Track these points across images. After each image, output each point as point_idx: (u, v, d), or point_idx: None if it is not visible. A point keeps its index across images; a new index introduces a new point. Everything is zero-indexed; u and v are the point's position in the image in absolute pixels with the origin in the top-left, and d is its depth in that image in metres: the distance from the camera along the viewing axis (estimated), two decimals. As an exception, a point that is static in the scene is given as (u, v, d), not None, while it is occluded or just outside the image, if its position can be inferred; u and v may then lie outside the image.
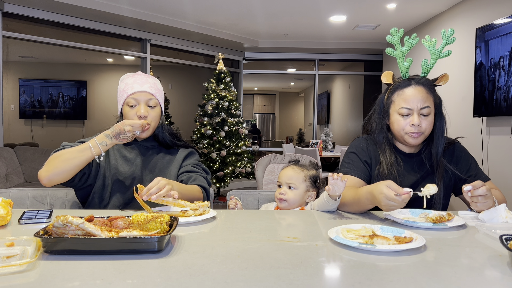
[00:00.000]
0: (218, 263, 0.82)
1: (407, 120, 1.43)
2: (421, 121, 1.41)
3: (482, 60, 3.70)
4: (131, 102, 1.49)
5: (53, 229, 0.88)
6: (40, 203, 1.60)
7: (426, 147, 1.51)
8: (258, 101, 15.02)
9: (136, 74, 1.57)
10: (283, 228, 1.17)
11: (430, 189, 1.20)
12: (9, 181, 4.20)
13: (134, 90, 1.49)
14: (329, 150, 6.18)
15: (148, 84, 1.52)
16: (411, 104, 1.41)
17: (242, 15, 5.18)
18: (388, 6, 4.63)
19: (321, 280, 0.76)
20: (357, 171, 1.48)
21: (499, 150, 3.64)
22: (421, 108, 1.41)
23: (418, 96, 1.41)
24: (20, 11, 4.44)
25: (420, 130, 1.42)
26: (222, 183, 5.51)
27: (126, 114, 1.51)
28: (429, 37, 1.49)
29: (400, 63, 1.50)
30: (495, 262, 0.86)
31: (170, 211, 1.26)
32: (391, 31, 1.51)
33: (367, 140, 1.55)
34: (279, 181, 1.59)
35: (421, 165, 1.50)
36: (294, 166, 1.61)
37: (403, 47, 1.50)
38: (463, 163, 1.52)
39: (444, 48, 1.46)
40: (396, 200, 1.12)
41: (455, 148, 1.54)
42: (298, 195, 1.55)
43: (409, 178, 1.48)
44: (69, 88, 8.06)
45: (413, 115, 1.41)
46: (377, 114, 1.53)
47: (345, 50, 6.90)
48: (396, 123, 1.46)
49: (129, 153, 1.54)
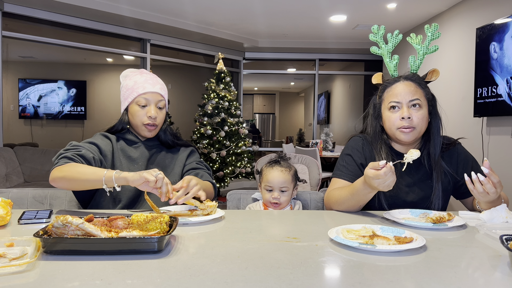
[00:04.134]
0: (218, 263, 0.82)
1: (397, 114, 1.39)
2: (411, 114, 1.37)
3: (484, 58, 3.70)
4: (142, 102, 1.49)
5: (52, 229, 0.88)
6: (39, 203, 1.60)
7: (424, 147, 1.47)
8: (258, 101, 15.02)
9: (143, 72, 1.57)
10: (283, 228, 1.17)
11: (412, 154, 1.22)
12: (8, 181, 4.20)
13: (146, 90, 1.49)
14: (329, 150, 6.17)
15: (159, 85, 1.54)
16: (400, 97, 1.39)
17: (242, 15, 5.18)
18: (388, 6, 4.63)
19: (321, 280, 0.75)
20: (351, 175, 1.46)
21: (500, 150, 3.64)
22: (410, 100, 1.38)
23: (406, 90, 1.39)
24: (20, 11, 4.44)
25: (411, 124, 1.37)
26: (222, 183, 5.51)
27: (134, 113, 1.50)
28: (414, 34, 1.48)
29: (387, 61, 1.48)
30: (495, 262, 0.86)
31: (177, 211, 1.26)
32: (373, 29, 1.49)
33: (363, 139, 1.53)
34: (269, 185, 1.58)
35: (419, 167, 1.47)
36: (280, 168, 1.61)
37: (387, 45, 1.48)
38: (463, 165, 1.48)
39: (430, 43, 1.45)
40: (380, 175, 1.16)
41: (456, 150, 1.51)
42: (290, 195, 1.60)
43: (405, 179, 1.45)
44: (69, 88, 8.06)
45: (402, 108, 1.38)
46: (371, 116, 1.51)
47: (345, 50, 6.90)
48: (387, 120, 1.43)
49: (133, 153, 1.54)
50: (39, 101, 7.90)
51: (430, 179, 1.45)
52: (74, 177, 1.24)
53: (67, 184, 1.27)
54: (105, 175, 1.21)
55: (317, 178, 2.58)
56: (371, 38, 1.49)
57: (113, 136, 1.55)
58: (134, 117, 1.51)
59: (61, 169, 1.27)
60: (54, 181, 1.28)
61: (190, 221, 1.17)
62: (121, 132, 1.58)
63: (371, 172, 1.18)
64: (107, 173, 1.21)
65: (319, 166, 2.69)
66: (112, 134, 1.57)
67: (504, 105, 3.45)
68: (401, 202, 1.42)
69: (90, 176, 1.23)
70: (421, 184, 1.45)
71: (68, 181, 1.25)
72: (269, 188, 1.59)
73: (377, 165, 1.18)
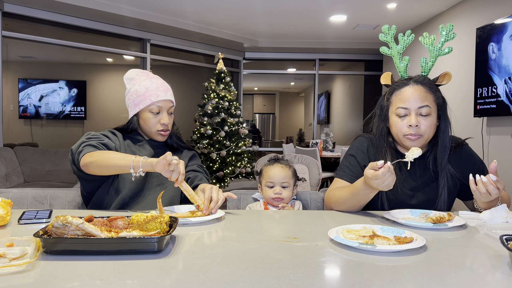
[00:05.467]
0: (218, 263, 0.82)
1: (405, 121, 1.35)
2: (419, 121, 1.33)
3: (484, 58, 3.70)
4: (155, 110, 1.53)
5: (52, 229, 0.88)
6: (39, 203, 1.60)
7: (431, 152, 1.43)
8: (258, 101, 15.02)
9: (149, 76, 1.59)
10: (283, 228, 1.17)
11: (414, 152, 1.21)
12: (8, 181, 4.20)
13: (160, 98, 1.53)
14: (329, 150, 6.17)
15: (170, 91, 1.60)
16: (408, 104, 1.34)
17: (242, 15, 5.18)
18: (388, 6, 4.63)
19: (321, 280, 0.75)
20: (353, 177, 1.45)
21: (500, 150, 3.64)
22: (419, 107, 1.33)
23: (415, 95, 1.34)
24: (19, 11, 4.44)
25: (419, 132, 1.34)
26: (222, 183, 5.51)
27: (147, 119, 1.54)
28: (427, 34, 1.41)
29: (397, 62, 1.43)
30: (495, 262, 0.86)
31: (179, 212, 1.29)
32: (383, 29, 1.44)
33: (369, 140, 1.51)
34: (270, 181, 1.60)
35: (424, 170, 1.44)
36: (281, 164, 1.64)
37: (397, 45, 1.43)
38: (468, 167, 1.44)
39: (444, 45, 1.39)
40: (378, 175, 1.15)
41: (463, 152, 1.47)
42: (291, 192, 1.61)
43: (410, 183, 1.43)
44: (69, 88, 8.06)
45: (411, 115, 1.34)
46: (377, 118, 1.47)
47: (345, 50, 6.90)
48: (394, 125, 1.39)
49: (138, 150, 1.57)
50: (41, 101, 7.90)
51: (435, 182, 1.42)
52: (105, 162, 1.31)
53: (98, 169, 1.34)
54: (133, 160, 1.26)
55: (317, 178, 2.58)
56: (381, 38, 1.45)
57: (119, 134, 1.60)
58: (147, 123, 1.55)
59: (92, 155, 1.34)
60: (86, 166, 1.34)
61: (190, 221, 1.17)
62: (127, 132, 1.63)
63: (370, 172, 1.18)
64: (135, 159, 1.26)
65: (319, 166, 2.69)
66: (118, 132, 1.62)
67: (503, 106, 3.45)
68: (405, 206, 1.41)
69: (119, 161, 1.29)
70: (425, 188, 1.43)
71: (99, 165, 1.32)
72: (271, 184, 1.60)
73: (376, 165, 1.18)
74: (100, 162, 1.31)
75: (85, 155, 1.35)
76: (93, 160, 1.32)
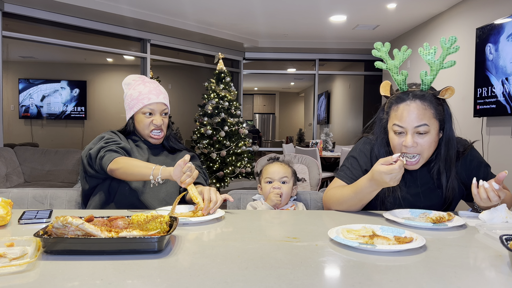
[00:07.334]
0: (218, 263, 0.82)
1: (401, 139, 1.30)
2: (416, 141, 1.28)
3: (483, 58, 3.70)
4: (148, 112, 1.62)
5: (52, 230, 0.88)
6: (40, 203, 1.60)
7: (435, 163, 1.38)
8: (258, 101, 15.03)
9: (145, 80, 1.66)
10: (283, 228, 1.17)
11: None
12: (9, 181, 4.20)
13: (151, 101, 1.61)
14: (329, 150, 6.17)
15: (162, 94, 1.66)
16: (404, 123, 1.28)
17: (242, 15, 5.18)
18: (388, 6, 4.63)
19: (321, 280, 0.76)
20: (354, 179, 1.42)
21: (500, 150, 3.64)
22: (415, 126, 1.27)
23: (412, 114, 1.27)
24: (20, 11, 4.44)
25: (416, 151, 1.29)
26: (222, 183, 5.51)
27: (140, 121, 1.63)
28: (427, 45, 1.31)
29: (395, 75, 1.35)
30: (495, 262, 0.86)
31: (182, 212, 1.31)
32: (376, 46, 1.36)
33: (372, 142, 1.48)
34: (269, 177, 1.61)
35: (426, 179, 1.41)
36: (280, 162, 1.66)
37: (393, 60, 1.35)
38: (475, 172, 1.41)
39: (446, 59, 1.31)
40: (395, 169, 1.16)
41: (469, 156, 1.44)
42: (290, 189, 1.61)
43: (410, 190, 1.41)
44: (69, 88, 8.06)
45: (407, 134, 1.28)
46: (377, 128, 1.44)
47: (345, 50, 6.90)
48: (391, 141, 1.35)
49: (138, 154, 1.62)
50: (42, 101, 7.90)
51: (440, 189, 1.41)
52: (130, 169, 1.40)
53: (123, 176, 1.43)
54: (154, 169, 1.35)
55: (317, 178, 2.58)
56: (375, 54, 1.37)
57: (122, 135, 1.66)
58: (141, 125, 1.64)
59: (117, 162, 1.44)
60: (112, 171, 1.44)
61: (190, 221, 1.17)
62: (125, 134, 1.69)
63: (384, 167, 1.18)
64: (155, 168, 1.35)
65: (319, 166, 2.69)
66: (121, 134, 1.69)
67: (500, 106, 3.45)
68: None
69: (142, 169, 1.38)
70: (430, 195, 1.42)
71: (124, 172, 1.42)
72: (270, 180, 1.60)
73: (390, 159, 1.18)
74: (125, 169, 1.41)
75: (112, 161, 1.45)
76: (119, 167, 1.42)
